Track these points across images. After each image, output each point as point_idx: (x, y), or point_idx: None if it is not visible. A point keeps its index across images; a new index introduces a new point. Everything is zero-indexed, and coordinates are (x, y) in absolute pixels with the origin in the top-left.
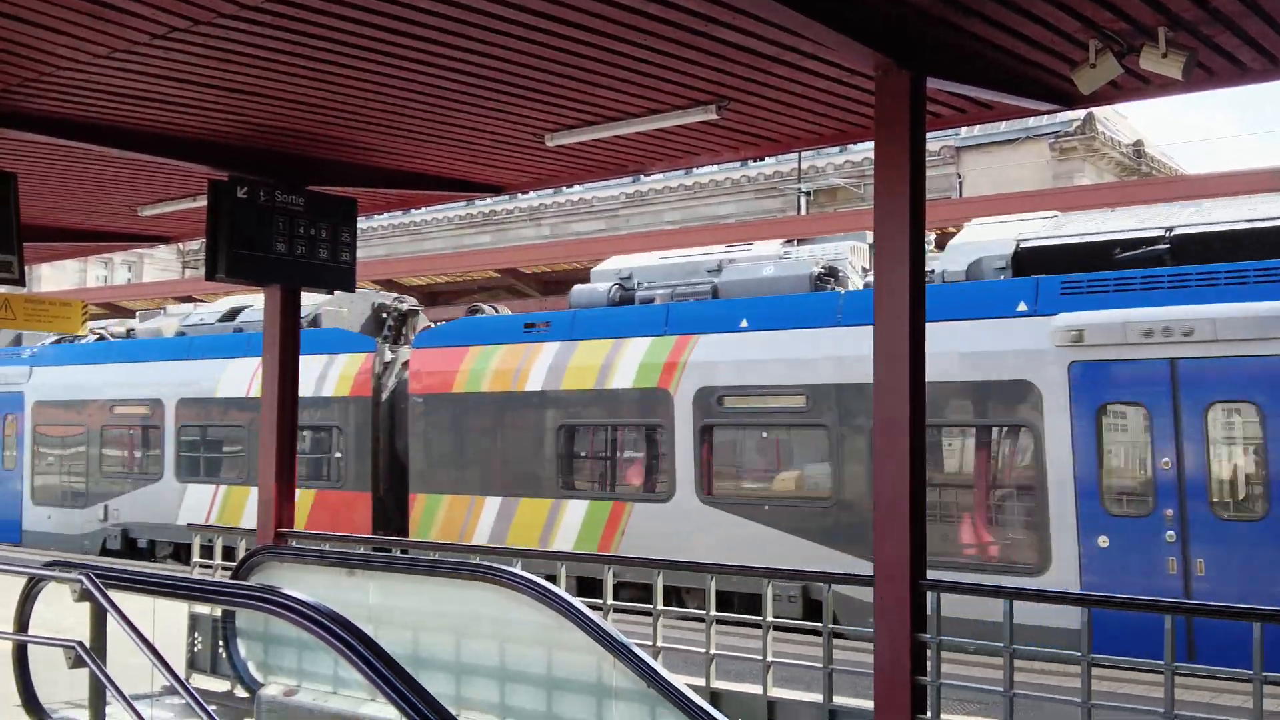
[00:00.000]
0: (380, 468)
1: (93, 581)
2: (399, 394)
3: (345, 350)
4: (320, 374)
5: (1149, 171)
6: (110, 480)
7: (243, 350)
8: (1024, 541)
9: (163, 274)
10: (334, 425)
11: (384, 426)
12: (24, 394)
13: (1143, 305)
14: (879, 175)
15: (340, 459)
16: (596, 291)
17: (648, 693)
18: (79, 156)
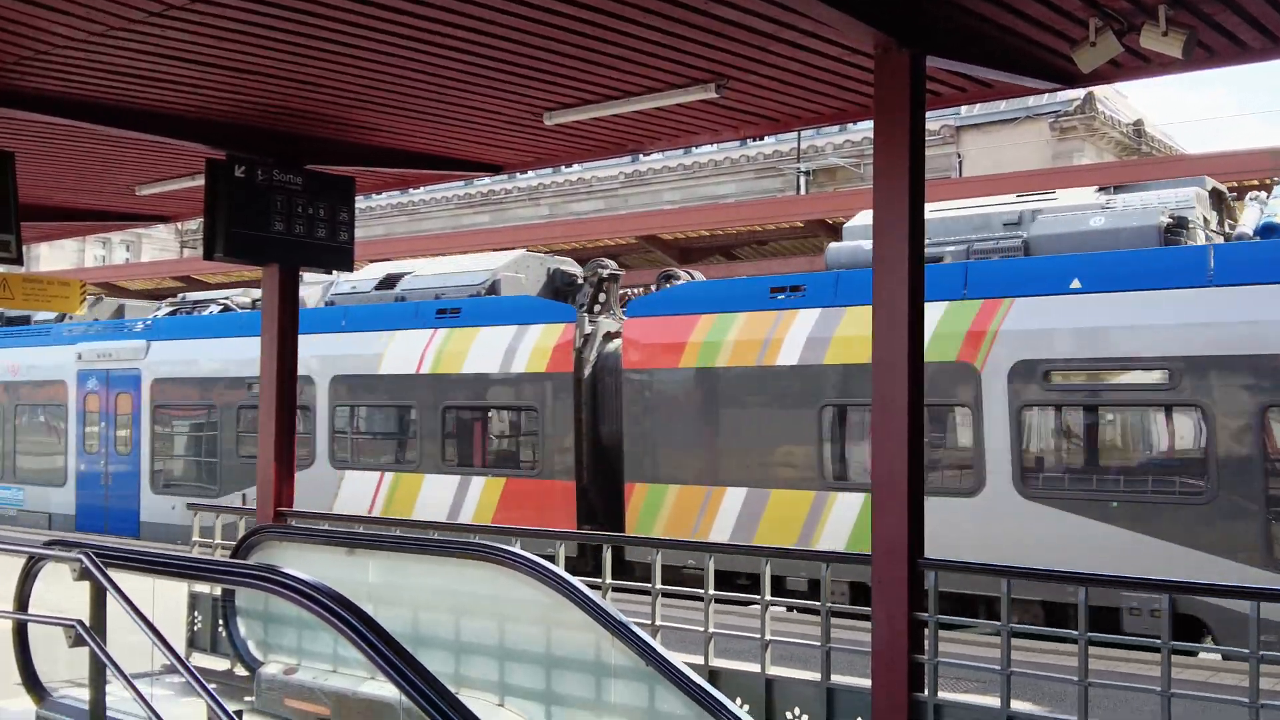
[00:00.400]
0: (584, 453)
1: (92, 560)
2: (603, 369)
3: (539, 320)
4: (509, 347)
5: (1149, 151)
6: (248, 466)
7: (409, 321)
8: None
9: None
10: (527, 405)
11: (586, 406)
12: (140, 371)
13: None
14: (879, 154)
15: (535, 443)
16: (861, 251)
17: (646, 671)
18: (77, 135)
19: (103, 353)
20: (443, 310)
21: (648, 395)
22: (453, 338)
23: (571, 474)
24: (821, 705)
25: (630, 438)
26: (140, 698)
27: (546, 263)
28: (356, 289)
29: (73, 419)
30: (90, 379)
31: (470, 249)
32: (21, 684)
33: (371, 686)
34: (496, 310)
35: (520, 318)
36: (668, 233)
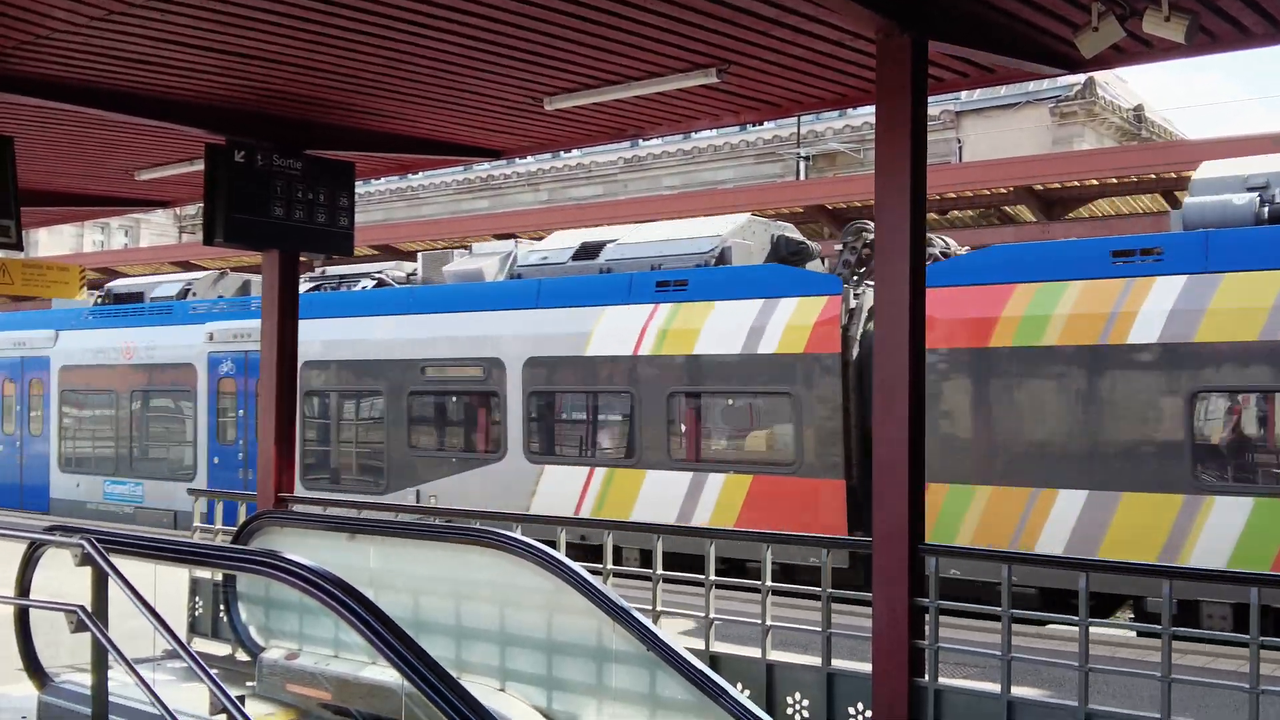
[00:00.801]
0: (853, 447)
1: (94, 546)
2: (873, 349)
3: (793, 293)
4: (754, 325)
5: (1149, 136)
6: (422, 460)
7: (621, 295)
8: None
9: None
10: (780, 391)
11: (854, 392)
12: None
13: None
14: (880, 139)
15: (791, 436)
16: (1230, 206)
17: (647, 656)
18: (76, 120)
19: (239, 333)
20: (665, 283)
21: (945, 380)
22: (680, 314)
23: (839, 471)
24: (822, 690)
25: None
26: (142, 683)
27: (770, 228)
28: (549, 260)
29: (203, 407)
30: (224, 362)
31: (470, 235)
32: (24, 669)
33: (373, 671)
34: (735, 281)
35: (768, 290)
36: (666, 218)
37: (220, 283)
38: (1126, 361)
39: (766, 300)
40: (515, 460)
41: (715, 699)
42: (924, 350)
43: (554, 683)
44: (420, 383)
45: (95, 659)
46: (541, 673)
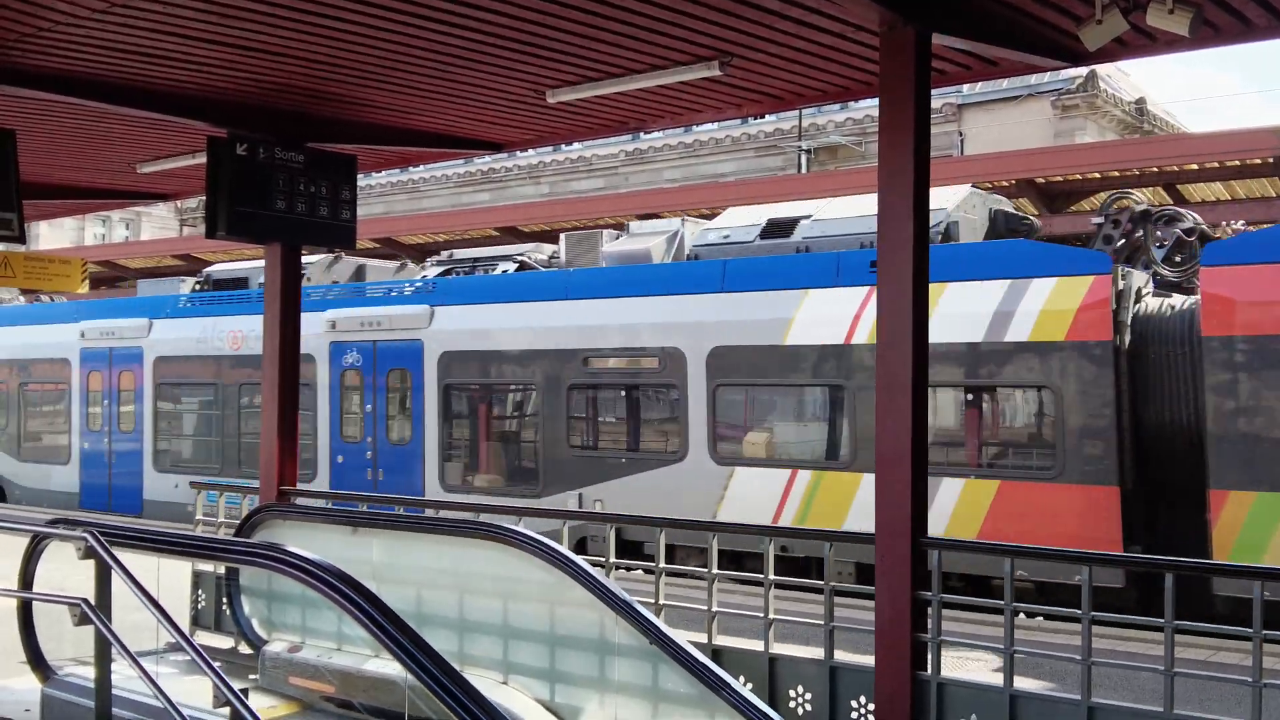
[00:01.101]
0: (1126, 449)
1: (97, 539)
2: (1148, 337)
3: (1047, 273)
4: (998, 309)
5: (1151, 129)
6: (585, 461)
7: (827, 277)
8: None
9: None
10: (1034, 384)
11: (1127, 384)
12: (422, 343)
13: None
14: (883, 132)
15: (1048, 435)
16: None
17: (650, 649)
18: (78, 113)
19: (367, 320)
20: None
21: (1253, 373)
22: None
23: (1111, 476)
24: (825, 683)
25: (1218, 430)
26: (145, 675)
27: (988, 202)
28: (731, 239)
29: (323, 401)
30: (349, 353)
31: (472, 228)
32: (27, 662)
33: (376, 664)
34: (973, 260)
35: (1015, 269)
36: (668, 211)
37: (334, 268)
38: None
39: (1014, 281)
40: (699, 461)
41: (717, 691)
42: (927, 344)
43: (557, 676)
44: (582, 375)
45: (98, 652)
46: (544, 666)
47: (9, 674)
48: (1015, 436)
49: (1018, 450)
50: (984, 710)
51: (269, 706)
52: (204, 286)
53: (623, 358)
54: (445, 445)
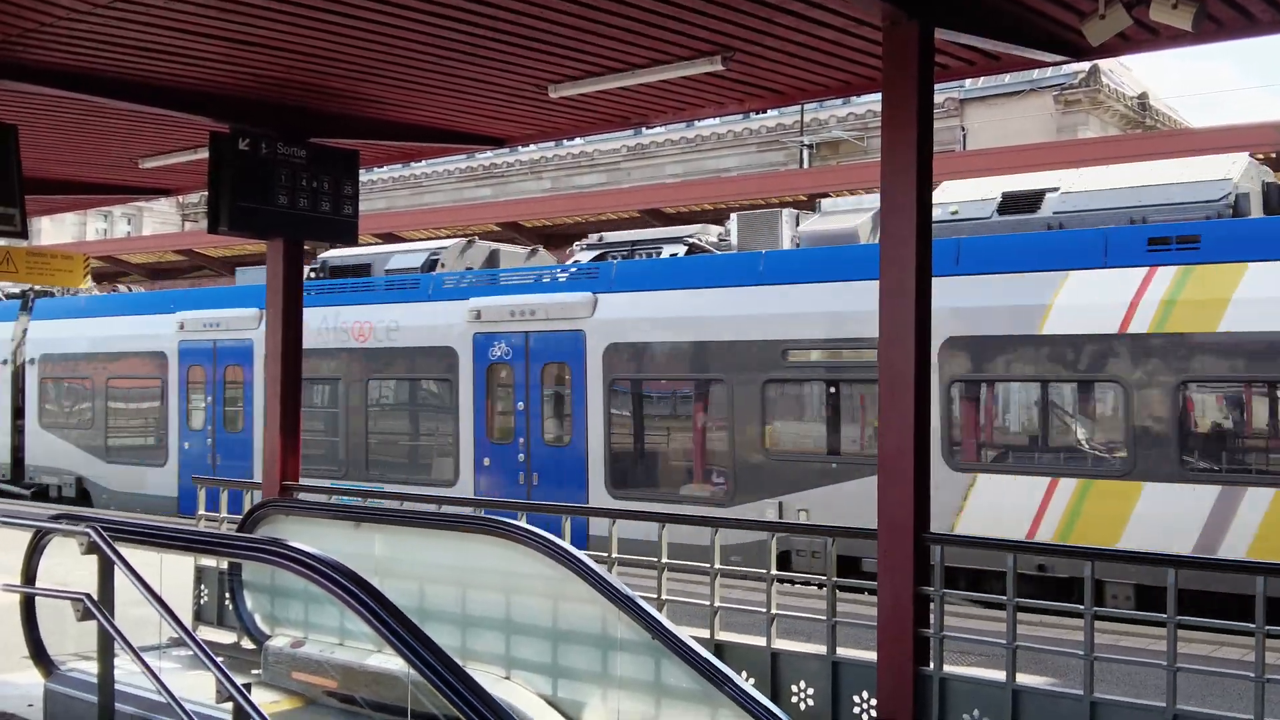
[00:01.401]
0: None
1: (100, 534)
2: None
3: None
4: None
5: (1154, 124)
6: (786, 465)
7: (1092, 257)
8: None
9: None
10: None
11: None
12: (583, 334)
13: None
14: (886, 127)
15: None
16: None
17: (652, 644)
18: (80, 108)
19: (519, 309)
20: (1162, 240)
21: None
22: (1192, 279)
23: None
24: (827, 679)
25: None
26: (148, 670)
27: (1259, 174)
28: (962, 215)
29: (466, 398)
30: (495, 345)
31: (474, 223)
32: (30, 657)
33: (378, 659)
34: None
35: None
36: (670, 206)
37: (467, 252)
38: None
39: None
40: (935, 468)
41: (720, 686)
42: (929, 339)
43: (559, 671)
44: (781, 369)
45: (101, 647)
46: (547, 661)
47: (12, 669)
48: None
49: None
50: (986, 705)
51: (272, 702)
52: (320, 274)
53: (833, 349)
54: (612, 448)
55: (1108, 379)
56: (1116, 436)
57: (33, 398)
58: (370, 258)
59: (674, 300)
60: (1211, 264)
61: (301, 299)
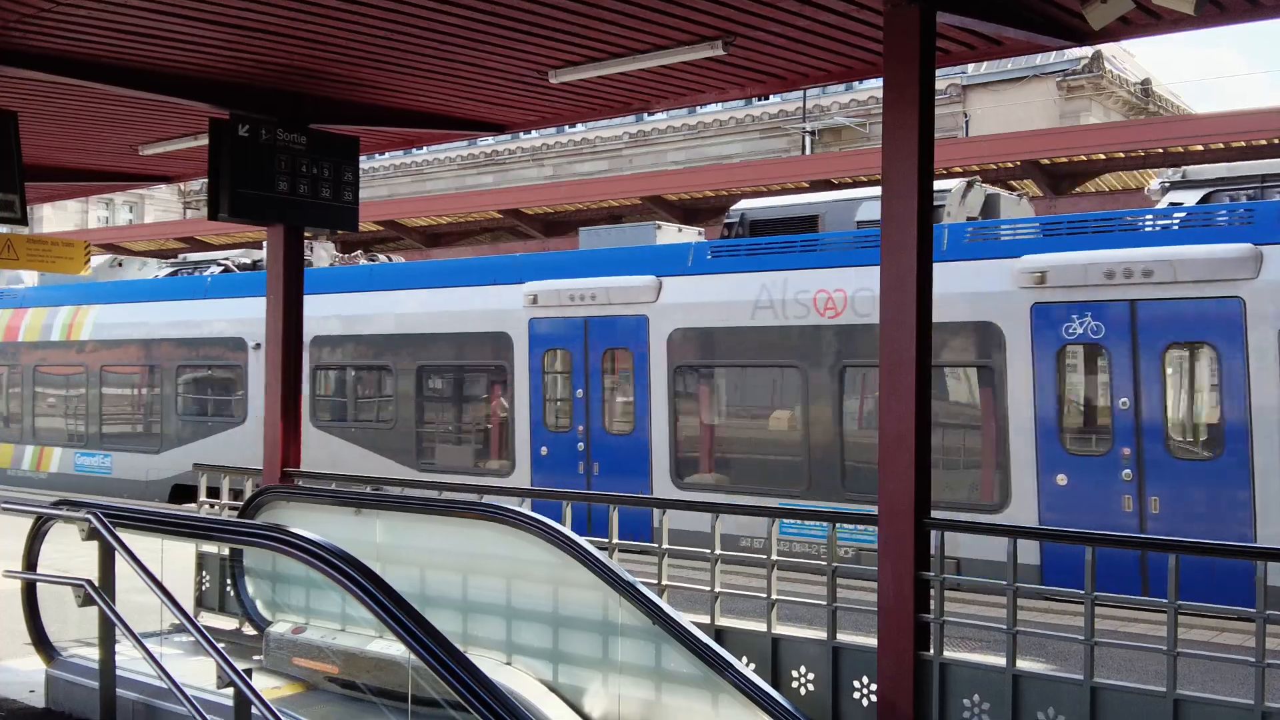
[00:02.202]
0: None
1: (100, 520)
2: None
3: None
4: None
5: (1157, 110)
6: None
7: None
8: None
9: (164, 214)
10: None
11: None
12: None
13: None
14: (888, 111)
15: None
16: None
17: (653, 630)
18: (80, 95)
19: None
20: None
21: None
22: None
23: None
24: (827, 664)
25: None
26: (149, 656)
27: None
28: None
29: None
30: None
31: (475, 210)
32: (31, 643)
33: (379, 645)
34: None
35: None
36: (672, 193)
37: (968, 197)
38: None
39: None
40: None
41: (720, 672)
42: (930, 322)
43: (560, 656)
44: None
45: (103, 633)
46: (548, 646)
47: (13, 655)
48: None
49: None
50: (987, 690)
51: (273, 687)
52: (732, 231)
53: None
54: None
55: None
56: None
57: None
58: (815, 208)
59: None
60: None
61: (302, 286)
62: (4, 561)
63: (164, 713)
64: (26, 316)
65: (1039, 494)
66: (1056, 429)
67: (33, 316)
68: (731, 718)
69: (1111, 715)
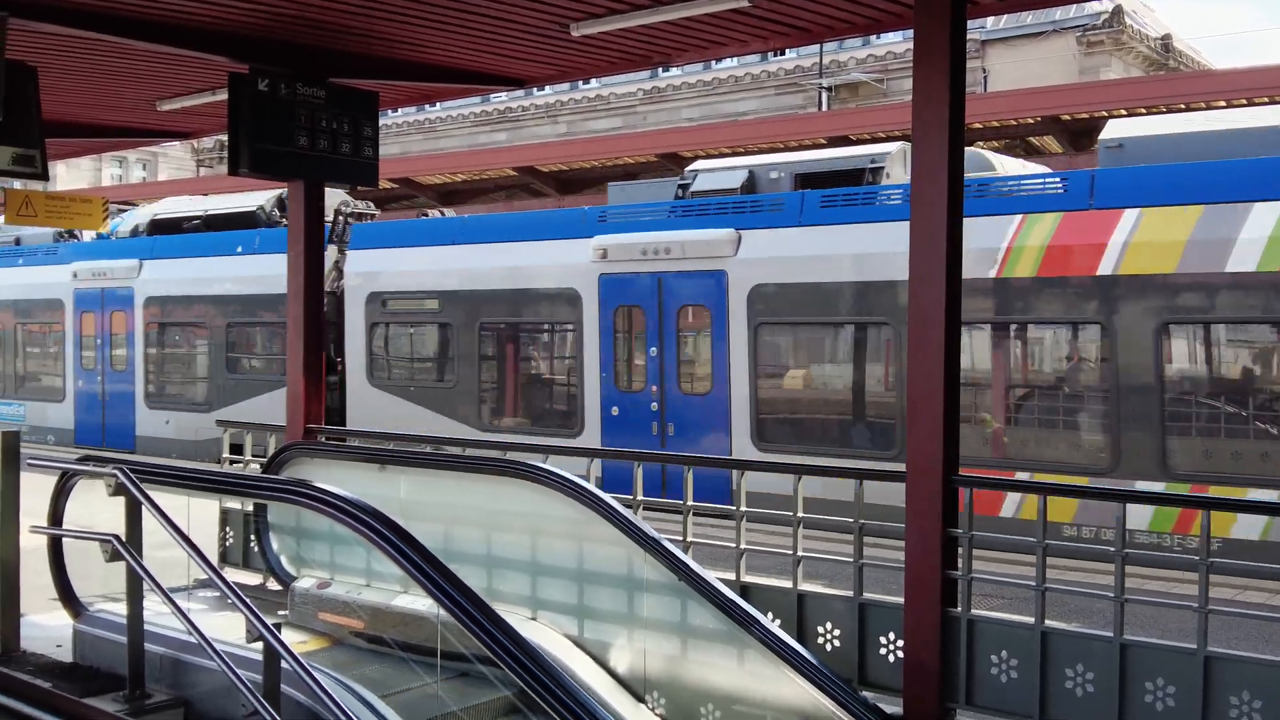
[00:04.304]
0: None
1: (127, 475)
2: None
3: None
4: None
5: (1177, 66)
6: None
7: None
8: None
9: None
10: None
11: None
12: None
13: None
14: (918, 62)
15: None
16: None
17: (678, 585)
18: (98, 49)
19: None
20: None
21: None
22: None
23: None
24: (853, 620)
25: None
26: (177, 610)
27: None
28: None
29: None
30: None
31: (489, 167)
32: (58, 599)
33: (405, 600)
34: None
35: None
36: (688, 150)
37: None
38: None
39: None
40: None
41: (746, 627)
42: (960, 278)
43: (585, 612)
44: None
45: (130, 588)
46: (573, 602)
47: (39, 610)
48: None
49: None
50: (1014, 647)
51: (299, 641)
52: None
53: None
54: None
55: None
56: None
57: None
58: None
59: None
60: None
61: (321, 242)
62: (26, 519)
63: (190, 667)
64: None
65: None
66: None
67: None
68: (757, 673)
69: (1141, 672)
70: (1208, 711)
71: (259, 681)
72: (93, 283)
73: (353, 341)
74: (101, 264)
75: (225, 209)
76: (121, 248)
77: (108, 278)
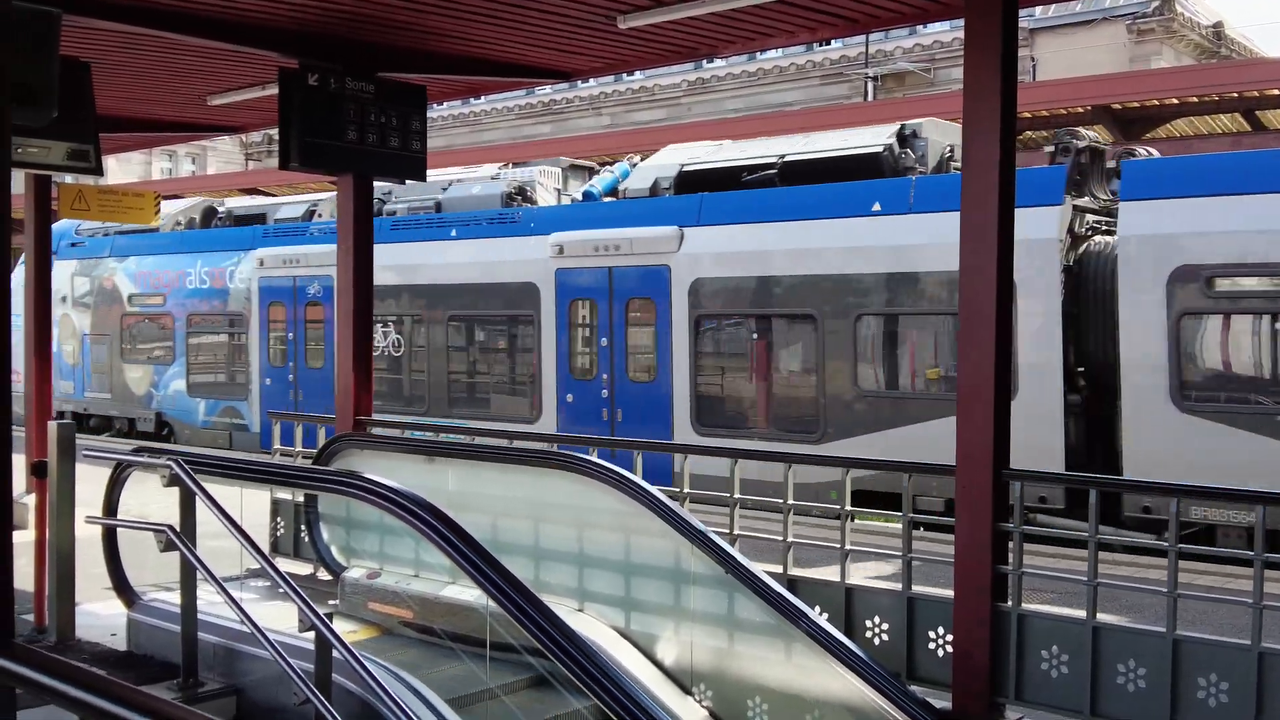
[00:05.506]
0: None
1: (182, 466)
2: None
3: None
4: None
5: (1229, 54)
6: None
7: None
8: None
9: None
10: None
11: None
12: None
13: None
14: (969, 50)
15: None
16: None
17: (725, 578)
18: (150, 45)
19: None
20: None
21: None
22: None
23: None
24: (902, 615)
25: None
26: (231, 600)
27: None
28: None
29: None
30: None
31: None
32: (112, 588)
33: (454, 590)
34: None
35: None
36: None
37: None
38: None
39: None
40: None
41: (794, 621)
42: (1011, 271)
43: (632, 604)
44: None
45: (184, 577)
46: (620, 594)
47: (93, 599)
48: None
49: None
50: (1065, 642)
51: (350, 631)
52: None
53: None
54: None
55: None
56: None
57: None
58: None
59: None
60: None
61: (372, 236)
62: (80, 508)
63: (243, 655)
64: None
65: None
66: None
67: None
68: (805, 667)
69: (1194, 668)
70: (1261, 708)
71: (310, 670)
72: (593, 259)
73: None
74: (608, 235)
75: (817, 152)
76: (633, 211)
77: (620, 253)
